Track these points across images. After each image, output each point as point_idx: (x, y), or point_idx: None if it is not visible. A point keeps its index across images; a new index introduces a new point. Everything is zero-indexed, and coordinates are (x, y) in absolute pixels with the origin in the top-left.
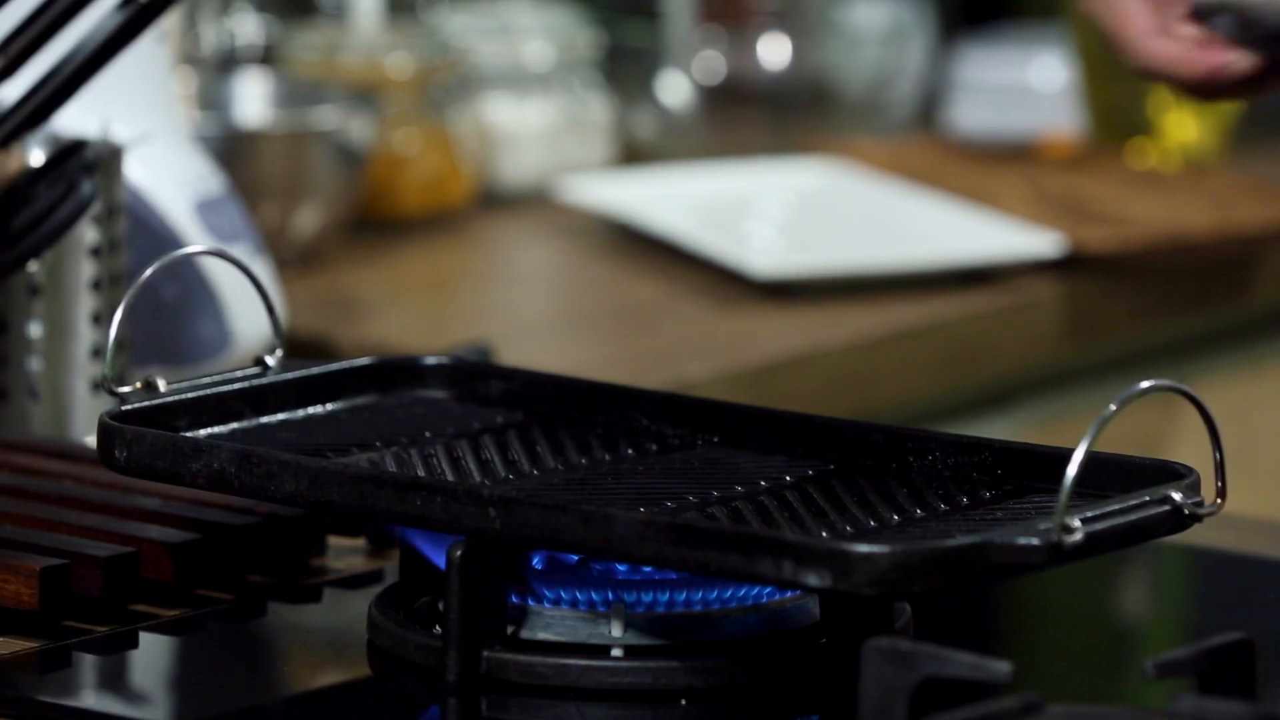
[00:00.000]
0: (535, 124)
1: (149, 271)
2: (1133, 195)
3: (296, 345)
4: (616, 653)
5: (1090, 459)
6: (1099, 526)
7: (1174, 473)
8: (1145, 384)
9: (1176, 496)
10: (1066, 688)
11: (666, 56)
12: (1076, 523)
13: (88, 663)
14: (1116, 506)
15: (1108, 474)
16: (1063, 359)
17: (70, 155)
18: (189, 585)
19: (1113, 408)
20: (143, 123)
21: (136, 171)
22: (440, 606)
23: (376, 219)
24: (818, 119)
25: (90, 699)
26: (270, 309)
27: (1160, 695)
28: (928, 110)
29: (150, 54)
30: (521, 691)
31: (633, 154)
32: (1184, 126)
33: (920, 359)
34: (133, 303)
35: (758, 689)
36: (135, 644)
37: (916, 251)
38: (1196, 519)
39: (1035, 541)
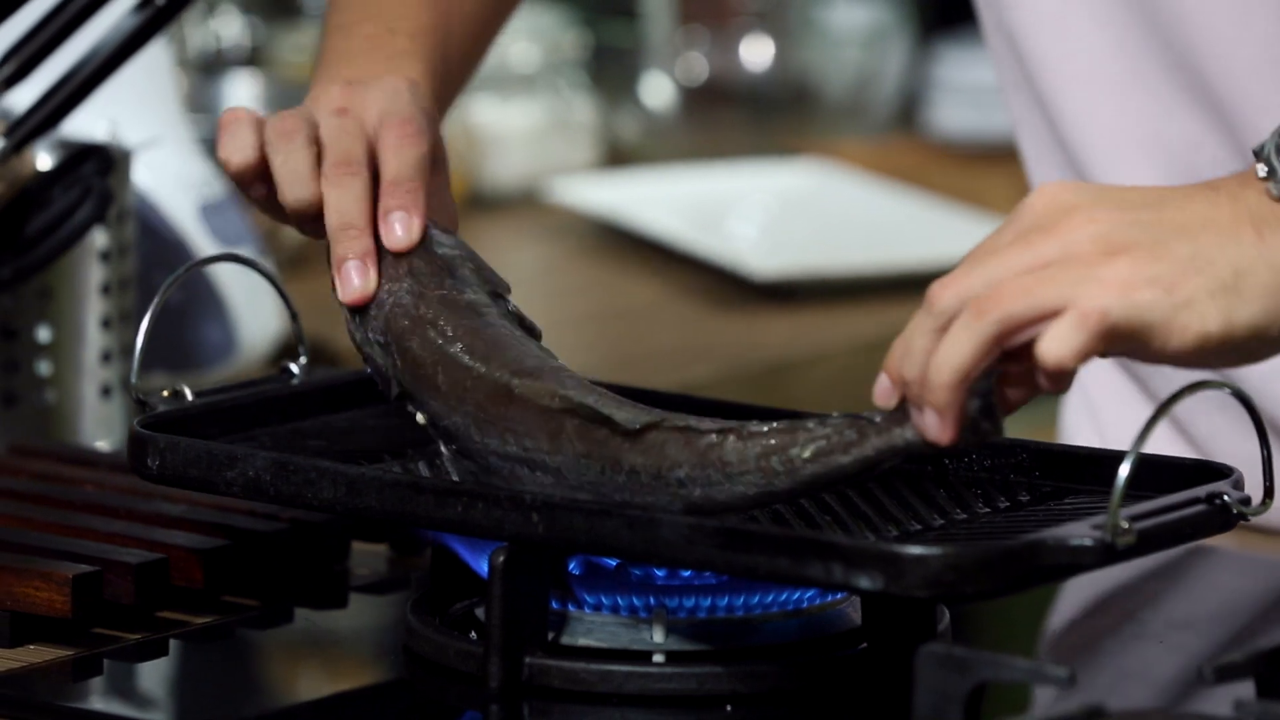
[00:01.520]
0: (521, 125)
1: (176, 274)
2: None
3: (290, 349)
4: (659, 658)
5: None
6: (1150, 524)
7: (1215, 471)
8: (1193, 381)
9: (1226, 495)
10: (1114, 689)
11: (649, 58)
12: (1127, 522)
13: (120, 671)
14: (1165, 504)
15: (1145, 473)
16: None
17: (84, 159)
18: (217, 591)
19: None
20: (148, 126)
21: (142, 175)
22: (478, 612)
23: None
24: (799, 120)
25: (123, 707)
26: (294, 316)
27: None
28: (908, 111)
29: (154, 57)
30: (564, 698)
31: (616, 155)
32: None
33: None
34: (160, 308)
35: (801, 694)
36: (166, 651)
37: (910, 253)
38: (1243, 517)
39: (1088, 542)
